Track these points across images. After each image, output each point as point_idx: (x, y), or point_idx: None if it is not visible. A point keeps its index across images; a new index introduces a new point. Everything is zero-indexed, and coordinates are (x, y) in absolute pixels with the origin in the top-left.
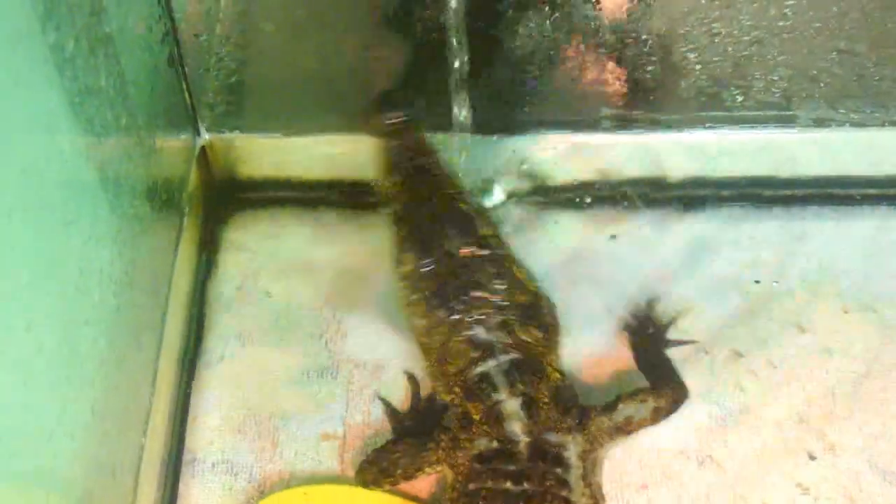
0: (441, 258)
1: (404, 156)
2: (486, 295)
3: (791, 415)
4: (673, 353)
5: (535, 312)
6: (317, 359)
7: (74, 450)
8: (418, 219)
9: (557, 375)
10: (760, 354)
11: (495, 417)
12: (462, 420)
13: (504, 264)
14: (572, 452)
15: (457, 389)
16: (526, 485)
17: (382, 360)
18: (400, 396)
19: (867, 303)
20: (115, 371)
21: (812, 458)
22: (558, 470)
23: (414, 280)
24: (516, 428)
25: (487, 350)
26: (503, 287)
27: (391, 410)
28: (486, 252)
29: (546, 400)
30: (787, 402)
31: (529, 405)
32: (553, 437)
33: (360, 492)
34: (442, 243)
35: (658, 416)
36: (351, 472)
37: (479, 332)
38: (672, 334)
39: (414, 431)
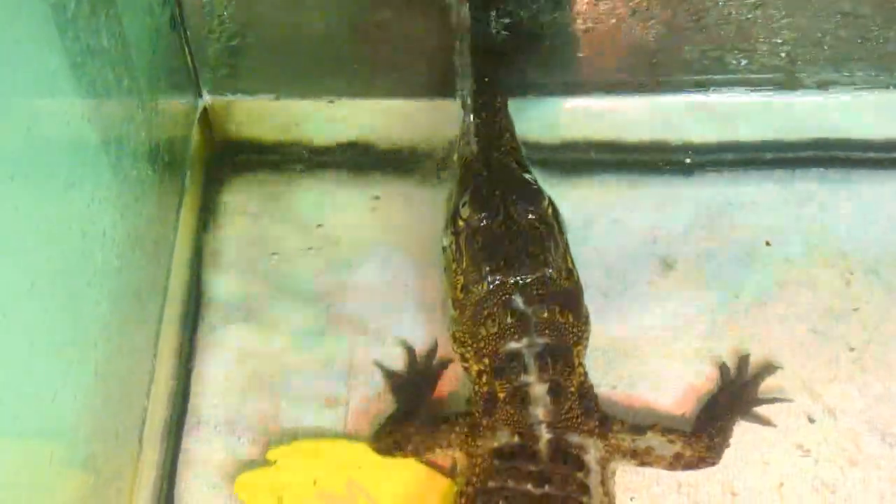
0: (501, 219)
1: (489, 130)
2: (534, 264)
3: (792, 378)
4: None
5: (575, 300)
6: (319, 322)
7: (78, 411)
8: (486, 181)
9: (583, 371)
10: (762, 317)
11: (521, 399)
12: (486, 403)
13: (559, 245)
14: (592, 457)
15: (486, 361)
16: (547, 487)
17: (385, 322)
18: (403, 359)
19: (871, 266)
20: (117, 333)
21: (811, 420)
22: (579, 474)
23: (466, 233)
24: (540, 414)
25: (523, 322)
26: (553, 264)
27: (389, 374)
28: (544, 227)
29: (573, 390)
30: (789, 365)
31: (557, 392)
32: (574, 438)
33: (369, 449)
34: (507, 205)
35: (677, 462)
36: (354, 433)
37: (518, 301)
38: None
39: (413, 394)
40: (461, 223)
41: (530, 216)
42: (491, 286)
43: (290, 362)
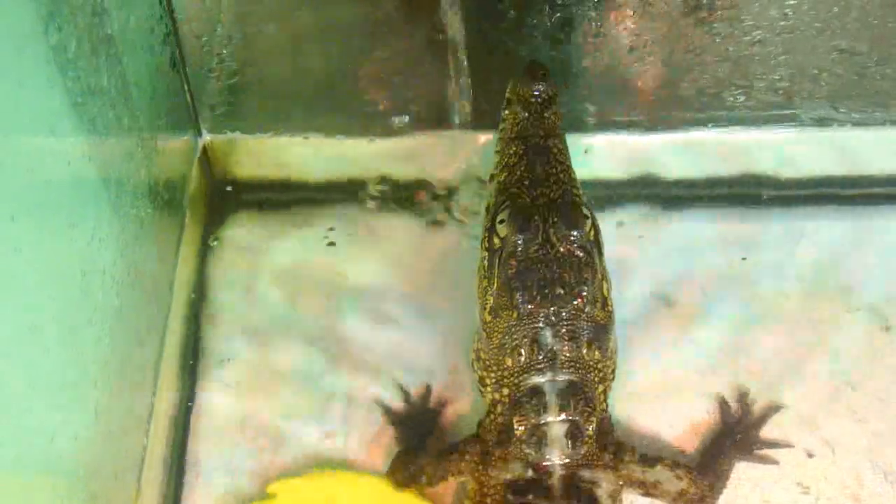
0: (538, 241)
1: (536, 130)
2: (569, 297)
3: (792, 413)
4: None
5: (605, 335)
6: (318, 359)
7: (78, 450)
8: (527, 194)
9: (604, 407)
10: (762, 354)
11: (538, 440)
12: (501, 434)
13: (597, 275)
14: (603, 490)
15: (505, 391)
16: None
17: (384, 360)
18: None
19: (870, 301)
20: (117, 372)
21: (811, 455)
22: None
23: (501, 254)
24: (555, 457)
25: (549, 359)
26: (588, 297)
27: (389, 414)
28: (583, 255)
29: (590, 433)
30: (789, 401)
31: (575, 435)
32: (587, 474)
33: (370, 479)
34: (546, 227)
35: (680, 499)
36: (353, 469)
37: (547, 335)
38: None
39: (416, 430)
40: (497, 241)
41: (571, 241)
42: (521, 316)
43: (288, 400)
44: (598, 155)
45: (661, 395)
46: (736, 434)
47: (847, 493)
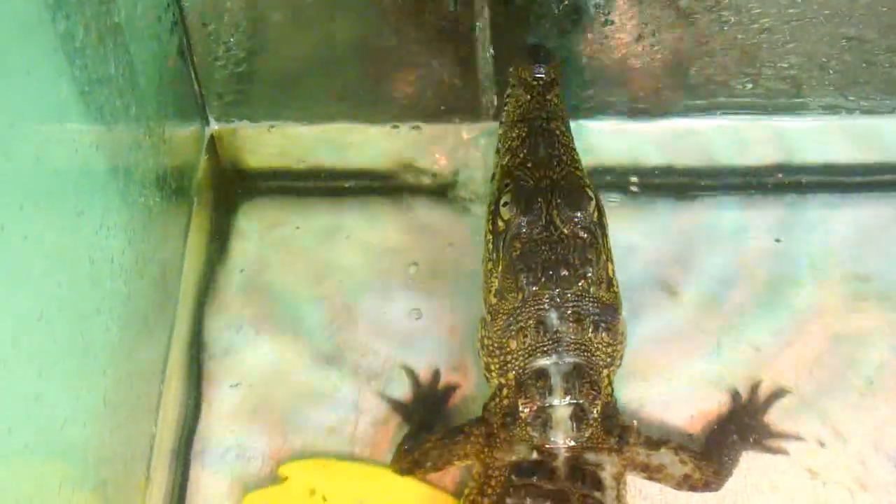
0: (542, 223)
1: (538, 112)
2: (573, 279)
3: (801, 401)
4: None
5: (612, 316)
6: (326, 347)
7: (87, 438)
8: (531, 176)
9: (610, 390)
10: (772, 342)
11: (543, 423)
12: (507, 416)
13: (602, 255)
14: (608, 473)
15: (510, 374)
16: None
17: (391, 348)
18: (408, 383)
19: (878, 289)
20: (126, 360)
21: (822, 444)
22: (597, 494)
23: (505, 235)
24: (560, 439)
25: (555, 340)
26: (593, 278)
27: (396, 404)
28: (587, 236)
29: (595, 416)
30: (798, 389)
31: (580, 418)
32: (591, 457)
33: (379, 470)
34: (549, 209)
35: (684, 483)
36: (361, 457)
37: (553, 317)
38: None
39: (424, 416)
40: (501, 224)
41: (574, 222)
42: (526, 298)
43: (297, 387)
44: (606, 142)
45: (669, 381)
46: (742, 419)
47: (855, 480)
